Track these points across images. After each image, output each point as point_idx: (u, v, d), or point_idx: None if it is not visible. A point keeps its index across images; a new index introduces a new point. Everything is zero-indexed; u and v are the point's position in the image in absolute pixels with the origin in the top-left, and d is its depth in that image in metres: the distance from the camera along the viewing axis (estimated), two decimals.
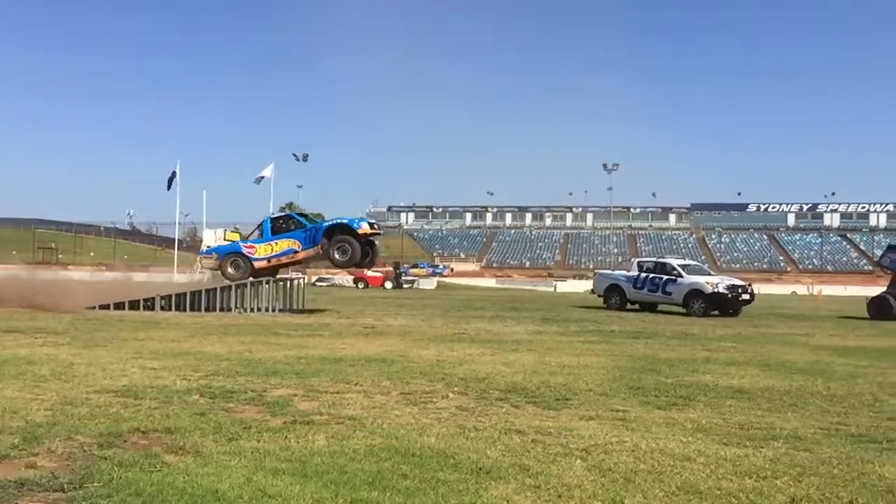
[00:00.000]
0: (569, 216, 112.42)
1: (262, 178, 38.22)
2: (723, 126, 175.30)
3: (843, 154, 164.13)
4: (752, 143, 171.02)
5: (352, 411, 7.33)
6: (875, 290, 28.77)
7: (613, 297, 27.40)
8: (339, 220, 23.02)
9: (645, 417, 7.36)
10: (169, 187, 37.43)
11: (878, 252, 35.98)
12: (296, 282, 25.20)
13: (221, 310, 21.35)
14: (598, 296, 28.62)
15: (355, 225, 22.62)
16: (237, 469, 5.09)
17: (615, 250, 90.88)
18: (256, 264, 22.77)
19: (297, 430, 6.39)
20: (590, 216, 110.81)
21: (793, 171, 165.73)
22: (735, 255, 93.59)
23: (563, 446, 5.96)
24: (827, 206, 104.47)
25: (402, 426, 6.63)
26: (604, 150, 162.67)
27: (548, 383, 9.37)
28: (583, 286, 48.32)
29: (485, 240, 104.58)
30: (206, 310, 20.98)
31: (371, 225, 22.87)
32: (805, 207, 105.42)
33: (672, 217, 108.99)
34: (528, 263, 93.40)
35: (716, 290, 24.68)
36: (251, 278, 22.18)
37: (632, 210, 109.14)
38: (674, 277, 25.62)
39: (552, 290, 53.64)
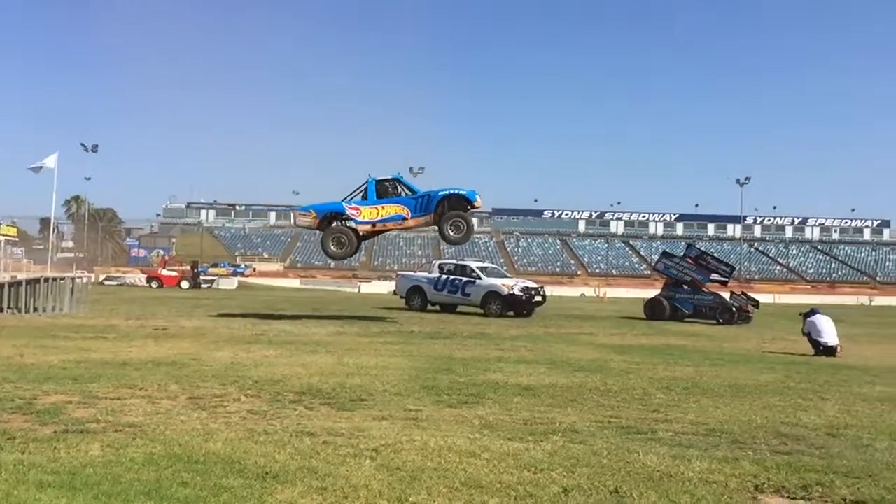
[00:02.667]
0: None
1: (41, 167, 35.07)
2: (522, 134, 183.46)
3: (629, 166, 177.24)
4: (549, 152, 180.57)
5: (133, 418, 6.93)
6: (651, 293, 31.26)
7: (415, 298, 27.88)
8: (456, 190, 20.99)
9: (436, 416, 7.54)
10: None
11: (655, 258, 39.20)
12: (78, 280, 23.46)
13: None
14: (401, 297, 29.01)
15: (473, 197, 20.99)
16: None
17: (419, 252, 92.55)
18: (360, 228, 21.13)
19: (68, 439, 5.95)
20: None
21: (584, 181, 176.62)
22: (531, 258, 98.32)
23: (354, 447, 5.97)
24: (613, 215, 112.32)
25: (188, 432, 6.35)
26: (407, 155, 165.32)
27: (344, 384, 9.36)
28: (387, 287, 48.78)
29: (289, 240, 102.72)
30: None
31: None
32: (594, 215, 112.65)
33: (474, 221, 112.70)
34: (333, 264, 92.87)
35: (511, 292, 25.77)
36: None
37: None
38: (473, 279, 26.47)
39: (356, 291, 53.69)
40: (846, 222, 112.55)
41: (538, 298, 26.60)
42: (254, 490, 4.75)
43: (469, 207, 20.99)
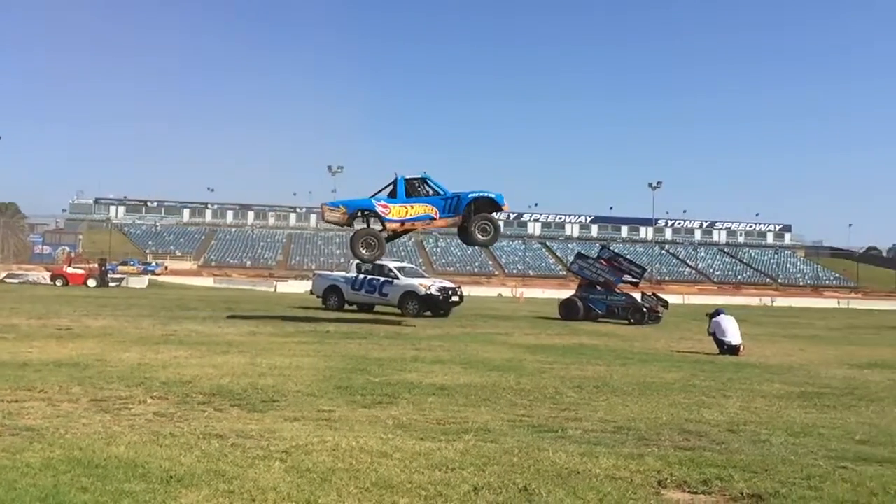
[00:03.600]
0: (292, 216, 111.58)
1: None
2: (447, 136, 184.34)
3: (546, 168, 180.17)
4: (467, 153, 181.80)
5: (30, 421, 6.65)
6: (567, 293, 31.80)
7: (332, 297, 27.62)
8: (485, 193, 20.97)
9: (349, 416, 7.49)
10: None
11: (571, 259, 39.92)
12: None
13: None
14: (317, 297, 28.70)
15: (502, 201, 20.89)
16: None
17: (338, 251, 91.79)
18: (389, 225, 20.79)
19: None
20: (313, 217, 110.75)
21: (504, 183, 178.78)
22: (450, 258, 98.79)
23: (264, 449, 5.87)
24: (531, 216, 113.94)
25: (89, 436, 6.13)
26: (330, 152, 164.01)
27: (256, 385, 9.21)
28: (304, 287, 48.14)
29: (203, 237, 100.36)
30: None
31: None
32: (512, 216, 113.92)
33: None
34: (249, 263, 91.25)
35: (429, 292, 25.82)
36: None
37: None
38: (390, 279, 26.40)
39: (272, 290, 52.86)
40: (751, 226, 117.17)
41: (455, 298, 26.72)
42: (157, 494, 4.62)
43: (496, 210, 21.10)
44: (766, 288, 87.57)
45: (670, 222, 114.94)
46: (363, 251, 20.58)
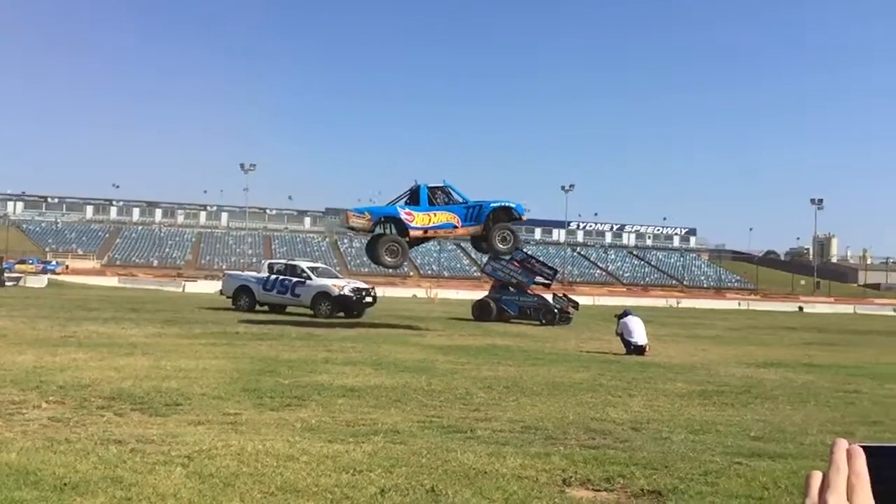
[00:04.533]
0: (202, 214, 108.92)
1: None
2: (355, 134, 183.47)
3: (462, 169, 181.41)
4: (384, 151, 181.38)
5: None
6: (480, 294, 32.06)
7: (242, 298, 27.07)
8: (506, 203, 21.16)
9: (256, 420, 7.36)
10: None
11: (485, 260, 40.27)
12: None
13: None
14: (227, 297, 28.09)
15: (521, 211, 21.17)
16: None
17: (250, 251, 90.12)
18: (412, 233, 20.79)
19: None
20: (224, 215, 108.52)
21: (402, 182, 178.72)
22: (365, 259, 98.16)
23: (165, 454, 5.70)
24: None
25: None
26: (242, 150, 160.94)
27: (159, 388, 8.93)
28: (214, 287, 47.04)
29: (108, 235, 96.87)
30: None
31: None
32: None
33: (307, 220, 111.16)
34: (156, 262, 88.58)
35: (342, 293, 25.61)
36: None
37: (268, 211, 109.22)
38: (303, 280, 26.06)
39: (181, 290, 51.46)
40: (658, 230, 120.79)
41: (369, 299, 26.60)
42: (50, 503, 4.43)
43: (513, 219, 21.50)
44: (673, 290, 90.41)
45: (582, 225, 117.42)
46: (387, 258, 20.71)
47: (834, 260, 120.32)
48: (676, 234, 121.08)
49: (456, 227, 21.19)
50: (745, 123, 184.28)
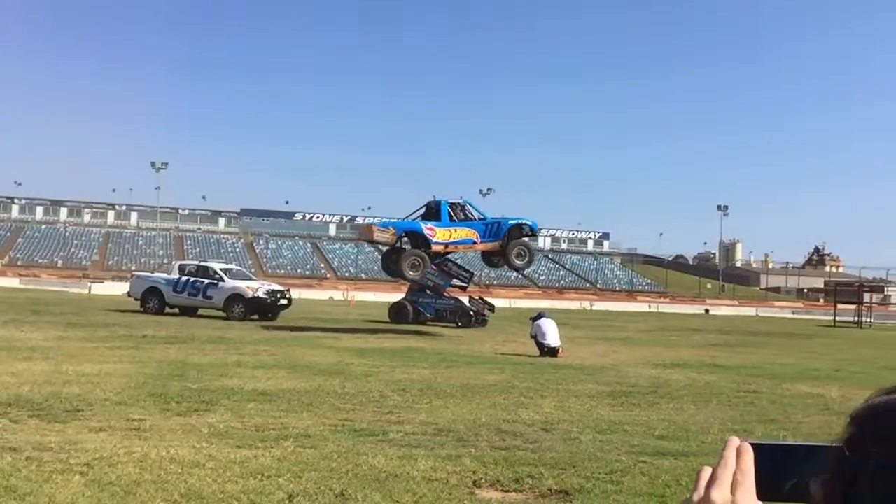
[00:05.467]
0: (111, 214, 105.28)
1: None
2: (273, 133, 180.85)
3: (383, 170, 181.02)
4: (301, 154, 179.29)
5: None
6: (398, 297, 32.01)
7: (151, 300, 26.28)
8: (524, 220, 22.12)
9: (162, 425, 7.15)
10: None
11: None
12: None
13: None
14: (136, 299, 27.23)
15: (536, 228, 22.13)
16: None
17: (161, 252, 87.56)
18: (434, 247, 21.39)
19: None
20: (134, 215, 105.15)
21: (334, 184, 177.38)
22: (281, 261, 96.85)
23: (63, 462, 5.49)
24: (364, 219, 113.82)
25: None
26: (151, 148, 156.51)
27: (59, 394, 8.59)
28: (122, 288, 45.53)
29: (9, 234, 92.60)
30: None
31: None
32: (345, 218, 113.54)
33: (221, 221, 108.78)
34: (60, 263, 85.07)
35: (256, 295, 25.19)
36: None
37: (180, 211, 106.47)
38: (215, 281, 25.51)
39: (86, 292, 49.61)
40: (573, 234, 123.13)
41: (284, 301, 26.25)
42: None
43: (529, 236, 22.43)
44: (587, 293, 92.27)
45: None
46: (410, 272, 21.38)
47: (738, 264, 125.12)
48: (591, 238, 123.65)
49: (475, 242, 22.12)
50: (658, 131, 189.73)
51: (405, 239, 21.80)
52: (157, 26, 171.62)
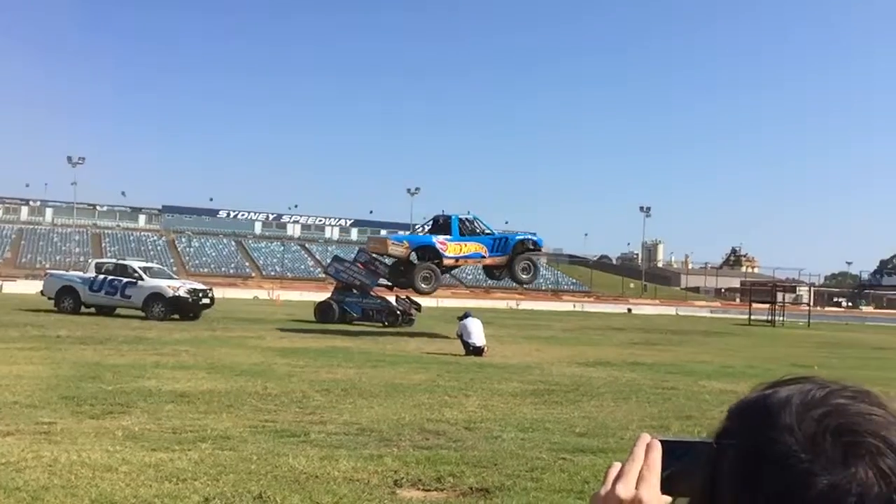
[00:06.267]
0: (24, 209, 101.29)
1: None
2: (196, 129, 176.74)
3: (307, 170, 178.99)
4: (226, 151, 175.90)
5: None
6: (324, 296, 31.72)
7: (66, 299, 25.36)
8: (530, 235, 23.08)
9: (74, 428, 6.91)
10: None
11: (328, 261, 39.91)
12: None
13: None
14: (49, 298, 26.24)
15: (541, 243, 22.98)
16: None
17: (77, 249, 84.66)
18: (445, 261, 22.06)
19: None
20: (49, 211, 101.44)
21: (262, 182, 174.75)
22: (204, 259, 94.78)
23: None
24: (290, 217, 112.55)
25: None
26: (68, 142, 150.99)
27: None
28: (36, 287, 43.84)
29: None
30: None
31: None
32: (271, 217, 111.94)
33: (142, 218, 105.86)
34: None
35: (176, 294, 24.60)
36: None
37: (98, 208, 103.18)
38: (134, 280, 24.78)
39: None
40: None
41: (206, 301, 25.71)
42: None
43: (534, 251, 23.40)
44: (514, 292, 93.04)
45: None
46: (423, 285, 21.90)
47: (660, 265, 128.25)
48: None
49: (483, 256, 22.76)
50: (584, 133, 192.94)
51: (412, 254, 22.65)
52: (76, 11, 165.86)
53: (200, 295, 25.51)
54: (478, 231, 22.97)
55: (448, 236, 22.34)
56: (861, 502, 0.60)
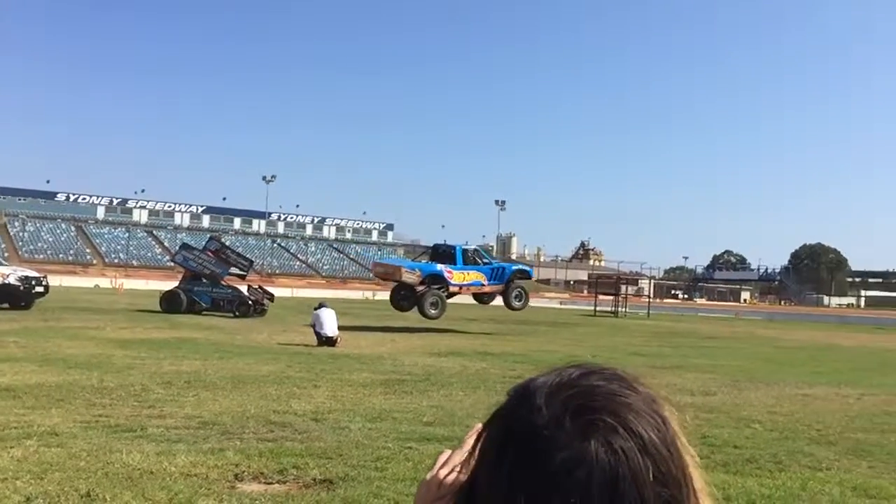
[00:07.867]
0: None
1: None
2: (32, 106, 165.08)
3: (153, 152, 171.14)
4: (61, 130, 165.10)
5: None
6: (172, 285, 30.49)
7: None
8: (522, 266, 27.76)
9: None
10: None
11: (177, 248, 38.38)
12: None
13: None
14: None
15: (531, 274, 26.37)
16: None
17: None
18: (451, 288, 24.23)
19: None
20: None
21: (103, 164, 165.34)
22: (40, 244, 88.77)
23: None
24: (136, 203, 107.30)
25: None
26: None
27: None
28: None
29: None
30: None
31: None
32: (115, 201, 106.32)
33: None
34: None
35: (6, 282, 22.94)
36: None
37: None
38: None
39: None
40: (358, 224, 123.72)
41: (40, 289, 24.12)
42: None
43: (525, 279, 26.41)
44: (371, 283, 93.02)
45: (283, 216, 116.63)
46: (432, 311, 23.68)
47: (514, 257, 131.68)
48: (375, 228, 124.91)
49: (483, 284, 24.90)
50: (441, 124, 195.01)
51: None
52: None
53: (33, 283, 23.93)
54: (479, 261, 25.37)
55: (453, 265, 24.53)
56: (590, 474, 0.65)
